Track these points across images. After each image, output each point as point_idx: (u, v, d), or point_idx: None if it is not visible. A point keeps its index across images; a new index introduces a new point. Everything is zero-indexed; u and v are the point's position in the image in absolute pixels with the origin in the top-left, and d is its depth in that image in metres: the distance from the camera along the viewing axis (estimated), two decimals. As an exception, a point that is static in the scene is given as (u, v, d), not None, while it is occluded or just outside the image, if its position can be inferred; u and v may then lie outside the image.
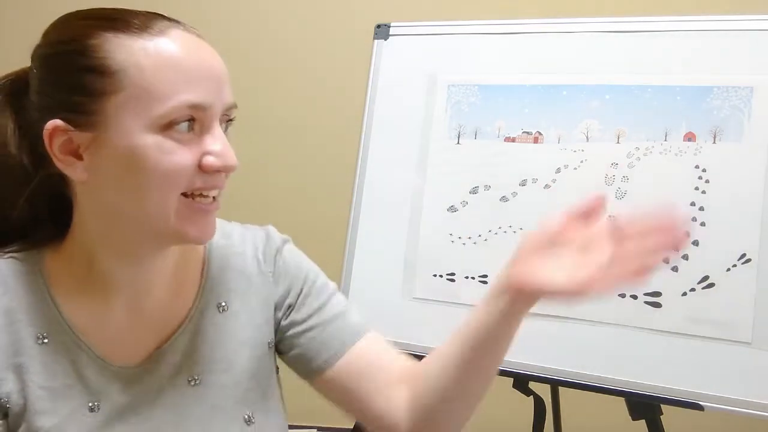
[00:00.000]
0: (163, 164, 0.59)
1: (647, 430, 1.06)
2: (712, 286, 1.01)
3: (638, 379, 1.02)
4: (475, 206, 1.16)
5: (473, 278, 1.14)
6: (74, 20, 0.63)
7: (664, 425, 1.05)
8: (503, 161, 1.15)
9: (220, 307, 0.74)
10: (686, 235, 0.54)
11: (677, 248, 0.56)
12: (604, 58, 1.12)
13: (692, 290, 1.02)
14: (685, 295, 1.02)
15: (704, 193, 1.03)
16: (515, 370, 1.09)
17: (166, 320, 0.71)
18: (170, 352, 0.70)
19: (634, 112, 1.08)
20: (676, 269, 1.03)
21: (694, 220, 1.03)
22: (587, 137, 1.10)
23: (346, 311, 0.78)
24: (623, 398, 1.05)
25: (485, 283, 1.13)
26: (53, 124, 0.61)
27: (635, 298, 1.04)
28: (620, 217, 0.58)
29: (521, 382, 1.14)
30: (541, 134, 1.13)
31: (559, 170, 1.11)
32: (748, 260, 0.99)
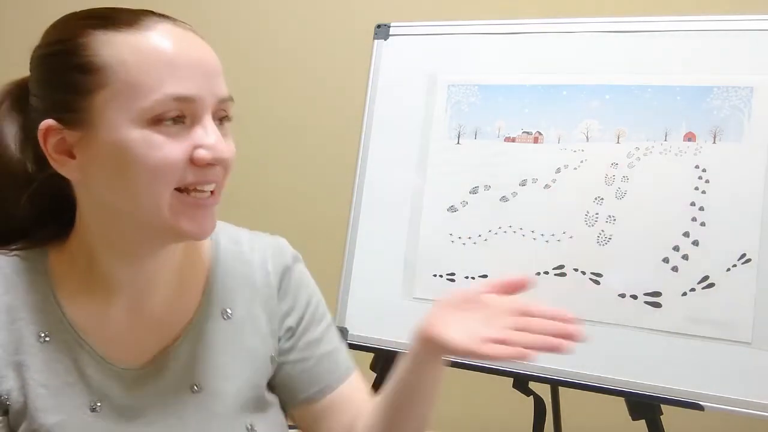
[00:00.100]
0: (151, 159, 0.59)
1: (647, 430, 1.06)
2: (712, 286, 1.01)
3: (638, 379, 1.02)
4: (475, 206, 1.16)
5: (473, 278, 1.14)
6: (68, 21, 0.63)
7: (664, 425, 1.05)
8: (503, 161, 1.15)
9: (224, 313, 0.73)
10: (575, 336, 0.62)
11: (563, 344, 0.62)
12: (604, 58, 1.12)
13: (692, 290, 1.02)
14: (685, 295, 1.02)
15: (704, 193, 1.03)
16: (515, 370, 1.09)
17: (168, 323, 0.70)
18: (173, 357, 0.69)
19: (634, 112, 1.08)
20: (676, 269, 1.03)
21: (694, 220, 1.03)
22: (587, 137, 1.10)
23: (339, 348, 0.79)
24: (623, 398, 1.05)
25: (485, 283, 1.13)
26: (46, 124, 0.61)
27: (635, 298, 1.04)
28: (529, 303, 0.65)
29: (521, 382, 1.14)
30: (541, 134, 1.13)
31: (559, 170, 1.11)
32: (748, 260, 0.99)
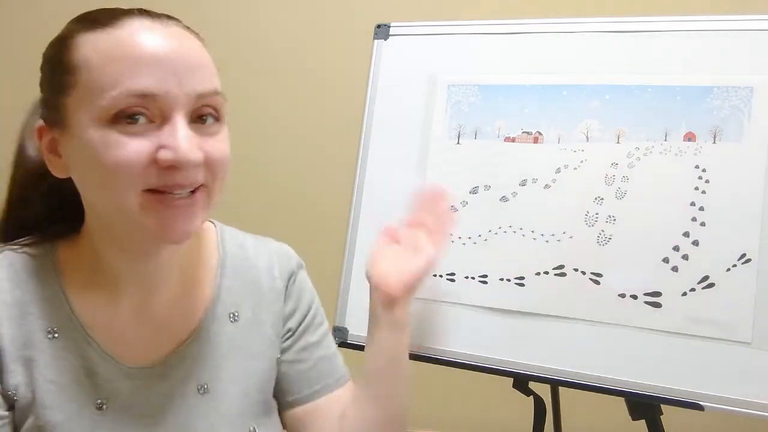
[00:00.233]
0: (109, 159, 0.57)
1: (647, 430, 1.06)
2: (712, 286, 1.01)
3: (638, 379, 1.02)
4: (475, 206, 1.16)
5: (473, 278, 1.14)
6: (67, 23, 0.64)
7: (664, 425, 1.05)
8: (503, 161, 1.15)
9: (231, 316, 0.73)
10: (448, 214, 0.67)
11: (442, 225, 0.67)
12: (604, 58, 1.11)
13: (692, 290, 1.02)
14: (685, 295, 1.02)
15: (704, 193, 1.03)
16: (515, 370, 1.09)
17: (176, 324, 0.71)
18: (181, 358, 0.70)
19: (634, 112, 1.08)
20: (676, 269, 1.03)
21: (694, 220, 1.03)
22: (587, 137, 1.10)
23: (336, 354, 0.80)
24: (623, 398, 1.05)
25: (485, 283, 1.13)
26: (39, 123, 0.63)
27: (635, 298, 1.04)
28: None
29: (521, 382, 1.14)
30: (541, 134, 1.13)
31: (559, 170, 1.11)
32: (748, 260, 0.99)
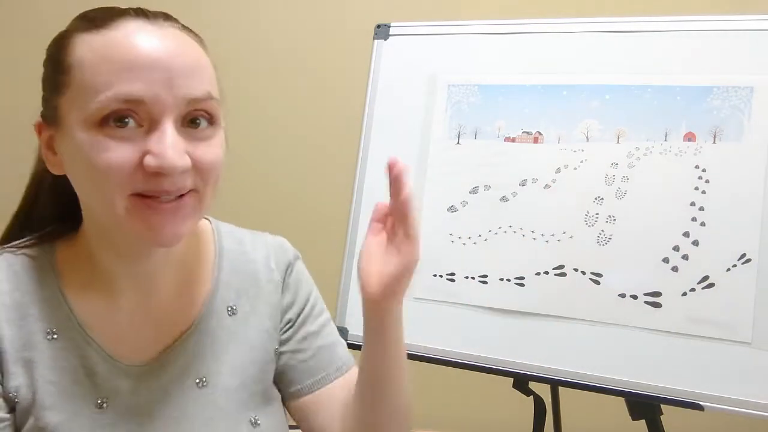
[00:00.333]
0: (96, 162, 0.57)
1: (647, 430, 1.06)
2: (712, 286, 1.01)
3: (638, 379, 1.02)
4: (475, 206, 1.16)
5: (473, 278, 1.14)
6: (70, 22, 0.64)
7: (664, 425, 1.05)
8: (503, 161, 1.15)
9: (229, 309, 0.73)
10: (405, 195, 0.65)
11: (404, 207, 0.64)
12: (604, 58, 1.11)
13: (692, 290, 1.02)
14: (685, 295, 1.02)
15: (704, 193, 1.03)
16: (515, 370, 1.09)
17: (174, 319, 0.71)
18: (179, 352, 0.70)
19: (634, 112, 1.08)
20: (676, 269, 1.03)
21: (694, 220, 1.03)
22: (587, 137, 1.10)
23: (337, 342, 0.79)
24: (623, 398, 1.05)
25: (485, 283, 1.13)
26: (37, 120, 0.64)
27: (635, 298, 1.04)
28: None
29: (521, 382, 1.14)
30: (541, 134, 1.13)
31: (559, 170, 1.11)
32: (748, 260, 0.99)
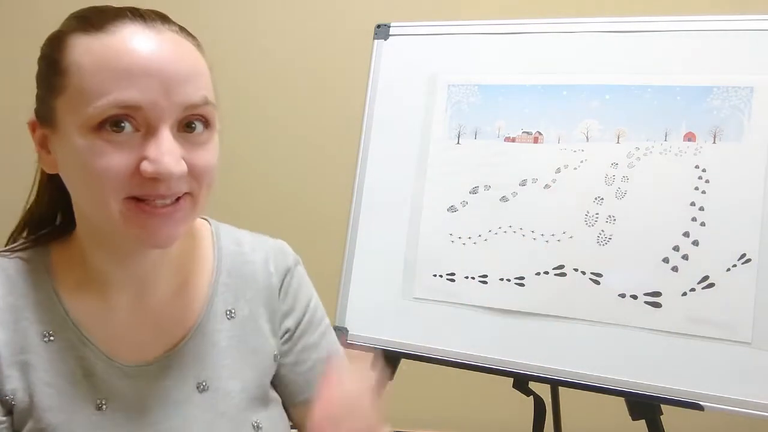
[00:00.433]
0: (94, 167, 0.57)
1: (647, 430, 1.06)
2: (712, 286, 1.01)
3: (638, 379, 1.02)
4: (475, 206, 1.16)
5: (473, 278, 1.14)
6: (64, 20, 0.64)
7: (664, 425, 1.05)
8: (503, 161, 1.15)
9: (228, 313, 0.73)
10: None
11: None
12: (604, 58, 1.11)
13: (692, 290, 1.02)
14: (685, 295, 1.02)
15: (704, 193, 1.03)
16: (515, 370, 1.09)
17: (173, 322, 0.71)
18: (179, 356, 0.70)
19: (634, 112, 1.08)
20: (676, 269, 1.03)
21: (694, 220, 1.03)
22: (587, 137, 1.10)
23: (335, 352, 0.80)
24: (623, 398, 1.05)
25: (485, 283, 1.13)
26: (32, 117, 0.63)
27: (635, 298, 1.04)
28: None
29: (521, 382, 1.14)
30: (541, 134, 1.13)
31: (559, 170, 1.11)
32: (748, 260, 0.99)
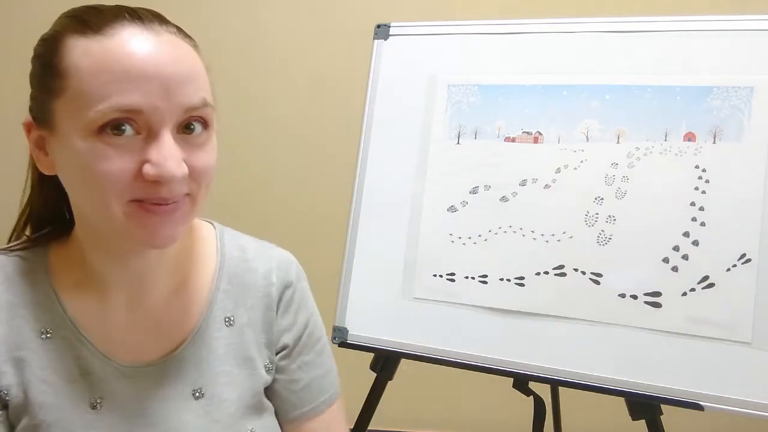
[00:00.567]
0: (96, 170, 0.57)
1: (647, 430, 1.06)
2: (712, 286, 1.01)
3: (638, 379, 1.02)
4: (475, 206, 1.16)
5: (473, 278, 1.14)
6: (58, 19, 0.63)
7: (664, 425, 1.05)
8: (503, 161, 1.15)
9: (227, 320, 0.73)
10: None
11: None
12: (604, 58, 1.11)
13: (692, 290, 1.02)
14: (685, 295, 1.02)
15: (704, 193, 1.03)
16: (515, 370, 1.09)
17: (171, 324, 0.71)
18: (177, 361, 0.70)
19: (634, 112, 1.08)
20: (676, 269, 1.03)
21: (694, 220, 1.03)
22: (587, 137, 1.10)
23: (328, 371, 0.80)
24: (623, 398, 1.05)
25: (485, 283, 1.13)
26: (27, 118, 0.63)
27: (635, 298, 1.04)
28: None
29: (521, 382, 1.14)
30: (541, 134, 1.13)
31: (559, 170, 1.11)
32: (748, 260, 0.99)
